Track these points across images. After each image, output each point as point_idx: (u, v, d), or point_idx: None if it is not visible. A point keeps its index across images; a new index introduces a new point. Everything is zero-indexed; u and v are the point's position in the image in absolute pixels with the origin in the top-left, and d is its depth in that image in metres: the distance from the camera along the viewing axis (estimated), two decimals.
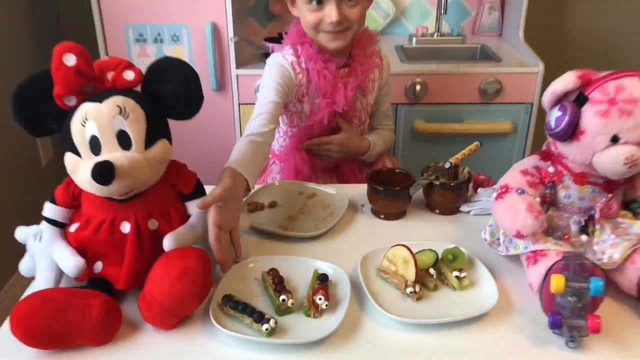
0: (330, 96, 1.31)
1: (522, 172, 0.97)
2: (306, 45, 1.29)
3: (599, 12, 2.32)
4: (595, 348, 0.83)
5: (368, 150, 1.41)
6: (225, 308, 0.87)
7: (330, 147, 1.38)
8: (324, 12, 1.23)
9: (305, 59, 1.30)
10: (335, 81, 1.31)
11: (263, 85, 1.29)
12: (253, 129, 1.16)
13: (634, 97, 0.85)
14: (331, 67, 1.29)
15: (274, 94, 1.24)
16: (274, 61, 1.31)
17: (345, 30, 1.25)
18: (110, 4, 1.81)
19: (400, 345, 0.84)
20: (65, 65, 0.84)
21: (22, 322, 0.79)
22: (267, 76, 1.29)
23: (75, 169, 0.87)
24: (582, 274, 0.82)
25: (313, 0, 1.22)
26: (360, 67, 1.33)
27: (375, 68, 1.38)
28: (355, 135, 1.40)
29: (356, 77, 1.32)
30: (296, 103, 1.33)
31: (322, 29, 1.25)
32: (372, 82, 1.39)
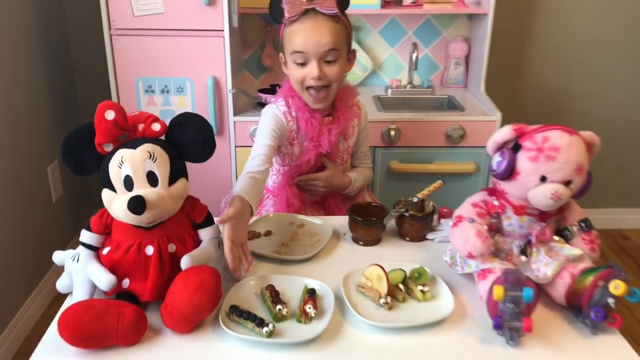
0: (317, 140, 1.49)
1: (472, 205, 1.16)
2: (296, 98, 1.48)
3: (550, 70, 2.54)
4: (531, 346, 1.00)
5: (349, 186, 1.58)
6: (232, 316, 1.03)
7: (316, 183, 1.55)
8: (307, 69, 1.42)
9: (295, 109, 1.49)
10: (321, 127, 1.49)
11: (260, 131, 1.47)
12: (252, 167, 1.35)
13: (557, 146, 1.05)
14: (317, 116, 1.48)
15: (269, 138, 1.43)
16: (269, 111, 1.51)
17: (326, 88, 1.43)
18: (123, 59, 1.99)
19: (375, 344, 1.00)
20: (106, 119, 1.02)
21: (69, 325, 0.95)
22: (263, 123, 1.48)
23: (111, 202, 1.04)
24: (518, 285, 0.99)
25: (298, 61, 1.42)
26: (342, 116, 1.52)
27: (355, 117, 1.58)
28: (338, 172, 1.57)
29: (339, 125, 1.51)
30: (287, 146, 1.53)
31: (306, 84, 1.43)
32: (352, 128, 1.58)
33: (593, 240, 1.17)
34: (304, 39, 1.39)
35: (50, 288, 2.20)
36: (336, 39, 1.40)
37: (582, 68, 2.55)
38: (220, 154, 2.06)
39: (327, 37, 1.39)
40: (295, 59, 1.42)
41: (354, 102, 1.57)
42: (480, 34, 2.28)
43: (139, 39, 1.97)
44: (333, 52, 1.41)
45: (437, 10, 2.30)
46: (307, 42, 1.39)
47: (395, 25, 2.41)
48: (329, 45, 1.39)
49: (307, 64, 1.42)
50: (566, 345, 1.01)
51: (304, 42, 1.39)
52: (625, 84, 2.58)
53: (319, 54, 1.40)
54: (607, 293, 1.02)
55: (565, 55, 2.53)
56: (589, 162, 1.10)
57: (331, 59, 1.41)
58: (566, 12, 2.46)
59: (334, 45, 1.40)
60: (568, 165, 1.05)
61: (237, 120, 2.06)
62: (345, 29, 1.44)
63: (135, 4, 1.92)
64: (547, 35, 2.50)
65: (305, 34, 1.39)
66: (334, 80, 1.44)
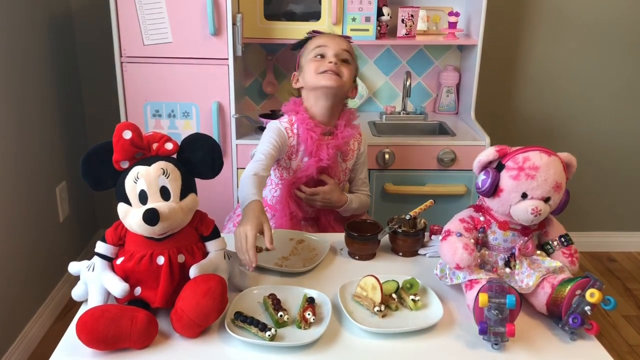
0: (317, 154, 1.59)
1: (460, 220, 1.24)
2: (300, 113, 1.60)
3: (536, 97, 2.65)
4: (514, 350, 1.08)
5: (345, 205, 1.67)
6: (236, 321, 1.11)
7: (315, 198, 1.63)
8: (325, 59, 1.57)
9: (297, 123, 1.59)
10: (320, 142, 1.60)
11: (262, 141, 1.58)
12: (257, 170, 1.46)
13: (537, 166, 1.14)
14: (317, 130, 1.59)
15: (271, 147, 1.55)
16: (274, 125, 1.62)
17: (337, 75, 1.56)
18: (133, 85, 2.09)
19: (369, 349, 1.08)
20: (124, 138, 1.11)
21: (86, 327, 1.02)
22: (267, 134, 1.59)
23: (126, 215, 1.12)
24: (501, 292, 1.07)
25: (318, 55, 1.58)
26: (341, 134, 1.63)
27: (354, 139, 1.67)
28: (337, 189, 1.65)
29: (337, 141, 1.62)
30: (286, 160, 1.63)
31: (321, 69, 1.56)
32: (352, 151, 1.68)
33: (572, 254, 1.25)
34: (325, 39, 1.60)
35: (56, 305, 2.26)
36: (350, 49, 1.61)
37: (566, 95, 2.66)
38: (222, 175, 2.12)
39: (345, 44, 1.61)
40: (316, 53, 1.59)
41: (354, 126, 1.68)
42: (470, 64, 2.39)
43: (148, 66, 2.07)
44: (348, 54, 1.60)
45: (429, 41, 2.42)
46: (329, 40, 1.60)
47: (390, 55, 2.53)
48: (346, 47, 1.60)
49: (325, 57, 1.58)
50: (547, 349, 1.09)
51: (326, 39, 1.60)
52: (609, 110, 2.69)
53: (337, 50, 1.58)
54: (584, 301, 1.10)
55: (550, 84, 2.64)
56: (566, 180, 1.19)
57: (345, 58, 1.60)
58: (551, 43, 2.58)
59: (349, 49, 1.61)
60: (547, 183, 1.14)
61: (239, 143, 2.15)
62: (353, 54, 1.64)
63: (146, 33, 2.02)
64: (533, 64, 2.61)
65: (327, 37, 1.62)
66: (345, 75, 1.59)
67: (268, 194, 1.69)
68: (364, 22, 2.27)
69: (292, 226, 1.61)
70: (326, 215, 1.70)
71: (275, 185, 1.68)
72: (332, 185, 1.65)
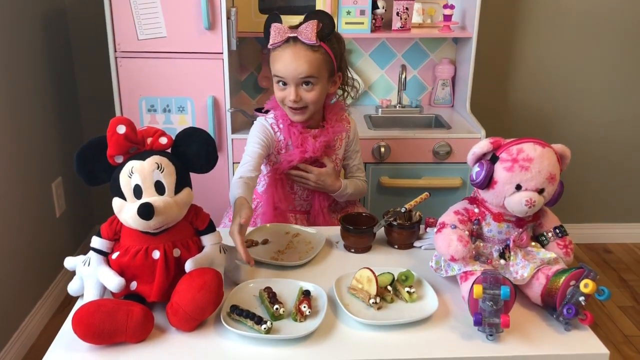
0: (302, 146, 1.59)
1: (455, 212, 1.25)
2: (281, 109, 1.60)
3: (531, 89, 2.65)
4: (509, 341, 1.08)
5: (339, 190, 1.66)
6: (232, 315, 1.11)
7: (309, 177, 1.62)
8: (286, 91, 1.53)
9: (280, 118, 1.60)
10: (304, 135, 1.59)
11: (249, 140, 1.58)
12: (244, 173, 1.48)
13: (530, 157, 1.14)
14: (298, 126, 1.59)
15: (257, 147, 1.55)
16: (258, 123, 1.62)
17: (302, 108, 1.55)
18: (128, 80, 2.08)
19: (365, 340, 1.08)
20: (118, 133, 1.11)
21: (82, 321, 1.02)
22: (253, 133, 1.60)
23: (121, 209, 1.12)
24: (496, 284, 1.08)
25: (280, 83, 1.54)
26: (331, 129, 1.62)
27: (344, 132, 1.67)
28: (333, 173, 1.64)
29: (326, 136, 1.61)
30: (275, 155, 1.63)
31: (285, 104, 1.56)
32: (339, 140, 1.68)
33: (567, 245, 1.26)
34: (283, 65, 1.51)
35: (53, 300, 2.26)
36: (313, 68, 1.50)
37: (562, 87, 2.67)
38: (218, 170, 2.11)
39: (304, 66, 1.49)
40: (276, 80, 1.55)
41: (342, 117, 1.67)
42: (465, 57, 2.39)
43: (142, 61, 2.07)
44: (310, 78, 1.51)
45: (424, 34, 2.42)
46: (285, 69, 1.51)
47: (385, 49, 2.52)
48: (305, 73, 1.50)
49: (286, 86, 1.53)
50: (541, 340, 1.10)
51: (283, 68, 1.51)
52: (604, 102, 2.70)
53: (295, 80, 1.51)
54: (578, 292, 1.11)
55: (546, 75, 2.64)
56: (560, 172, 1.20)
57: (308, 84, 1.52)
58: (546, 35, 2.59)
59: (310, 73, 1.50)
60: (541, 174, 1.15)
61: (234, 138, 2.15)
62: (325, 56, 1.53)
63: (140, 28, 2.02)
64: (528, 56, 2.61)
65: (284, 61, 1.50)
66: (310, 103, 1.55)
67: (258, 187, 1.70)
68: (359, 16, 2.26)
69: (277, 216, 1.61)
70: (321, 202, 1.69)
71: (265, 180, 1.69)
72: (330, 169, 1.64)
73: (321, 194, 1.68)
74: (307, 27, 1.48)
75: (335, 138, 1.65)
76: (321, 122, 1.64)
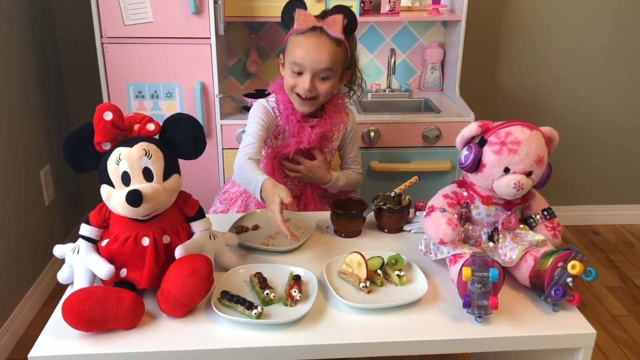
0: (298, 136, 1.59)
1: (443, 196, 1.26)
2: (283, 94, 1.58)
3: (521, 72, 2.65)
4: (497, 322, 1.10)
5: (330, 182, 1.65)
6: (223, 300, 1.11)
7: (300, 168, 1.62)
8: (300, 79, 1.51)
9: (281, 102, 1.58)
10: (302, 124, 1.58)
11: (250, 121, 1.56)
12: (250, 154, 1.46)
13: (518, 140, 1.15)
14: (297, 114, 1.57)
15: (260, 128, 1.53)
16: (260, 104, 1.60)
17: (312, 99, 1.53)
18: (115, 66, 2.06)
19: (355, 324, 1.09)
20: (105, 119, 1.10)
21: (72, 309, 1.02)
22: (254, 114, 1.57)
23: (109, 197, 1.12)
24: (484, 266, 1.09)
25: (295, 69, 1.51)
26: (329, 119, 1.61)
27: (342, 123, 1.66)
28: (323, 166, 1.64)
29: (323, 126, 1.60)
30: (272, 139, 1.62)
31: (295, 92, 1.53)
32: (337, 132, 1.67)
33: (555, 227, 1.27)
34: (304, 53, 1.49)
35: (44, 289, 2.26)
36: (333, 61, 1.50)
37: (551, 69, 2.67)
38: (208, 156, 2.14)
39: (326, 58, 1.49)
40: (293, 67, 1.52)
41: (342, 108, 1.66)
42: (454, 40, 2.38)
43: (129, 47, 2.04)
44: (328, 71, 1.51)
45: (413, 17, 2.40)
46: (306, 57, 1.49)
47: (374, 32, 2.51)
48: (325, 65, 1.49)
49: (302, 74, 1.51)
50: (530, 321, 1.11)
51: (304, 56, 1.49)
52: (592, 84, 2.71)
53: (314, 70, 1.50)
54: (566, 273, 1.12)
55: (534, 59, 2.64)
56: (548, 154, 1.21)
57: (325, 76, 1.52)
58: (535, 18, 2.58)
59: (330, 65, 1.50)
60: (529, 157, 1.16)
61: (224, 124, 2.14)
62: (344, 52, 1.53)
63: (126, 13, 1.99)
64: (517, 40, 2.61)
65: (307, 49, 1.49)
66: (322, 95, 1.54)
67: None
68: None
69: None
70: (313, 190, 1.69)
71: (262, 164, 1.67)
72: (320, 162, 1.64)
73: (313, 185, 1.68)
74: (334, 20, 1.48)
75: (332, 129, 1.65)
76: (320, 111, 1.63)
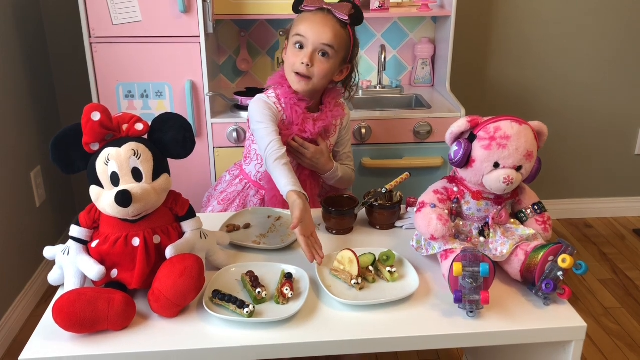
0: (302, 126, 1.58)
1: (434, 192, 1.26)
2: (285, 87, 1.57)
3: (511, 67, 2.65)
4: (489, 317, 1.10)
5: (331, 170, 1.64)
6: (214, 299, 1.11)
7: (305, 152, 1.59)
8: (301, 54, 1.51)
9: (282, 97, 1.57)
10: (306, 116, 1.58)
11: (259, 119, 1.52)
12: (276, 153, 1.42)
13: (508, 135, 1.15)
14: (301, 104, 1.56)
15: (272, 124, 1.50)
16: (261, 100, 1.57)
17: (307, 78, 1.52)
18: (104, 66, 2.05)
19: (348, 321, 1.10)
20: (92, 120, 1.10)
21: (62, 311, 1.02)
22: (260, 111, 1.53)
23: (99, 197, 1.11)
24: (475, 261, 1.09)
25: (297, 45, 1.51)
26: (330, 112, 1.61)
27: (340, 116, 1.66)
28: (326, 153, 1.64)
29: (325, 120, 1.60)
30: None
31: (293, 69, 1.53)
32: (334, 127, 1.67)
33: (545, 222, 1.28)
34: (309, 26, 1.51)
35: (36, 291, 2.24)
36: (336, 39, 1.51)
37: (541, 64, 2.67)
38: (199, 155, 2.13)
39: (329, 34, 1.50)
40: (295, 40, 1.52)
41: (339, 103, 1.67)
42: (444, 36, 2.38)
43: (118, 46, 2.03)
44: (329, 48, 1.51)
45: (403, 13, 2.40)
46: (310, 30, 1.50)
47: (364, 29, 2.51)
48: (328, 40, 1.50)
49: (303, 49, 1.52)
50: (521, 315, 1.12)
51: (308, 29, 1.50)
52: (583, 78, 2.71)
53: (316, 44, 1.50)
54: (556, 267, 1.13)
55: (524, 54, 2.65)
56: (538, 149, 1.21)
57: (325, 53, 1.51)
58: (524, 13, 2.59)
59: (332, 42, 1.50)
60: (518, 152, 1.16)
61: (214, 122, 2.13)
62: (348, 38, 1.54)
63: (114, 12, 1.98)
64: (507, 35, 2.61)
65: (312, 23, 1.51)
66: (317, 75, 1.53)
67: (253, 169, 1.67)
68: None
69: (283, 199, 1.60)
70: (312, 189, 1.68)
71: (261, 160, 1.63)
72: (324, 148, 1.64)
73: (312, 180, 1.67)
74: (342, 6, 1.53)
75: (333, 122, 1.65)
76: (319, 105, 1.63)
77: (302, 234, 1.23)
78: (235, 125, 2.11)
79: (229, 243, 1.33)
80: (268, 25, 2.45)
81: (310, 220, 1.28)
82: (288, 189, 1.32)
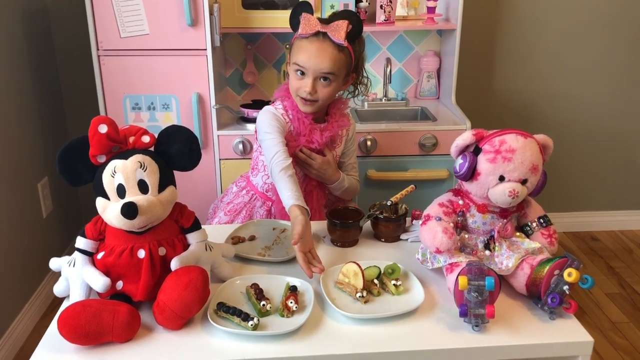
0: (309, 137, 1.59)
1: (439, 205, 1.25)
2: (291, 99, 1.59)
3: (516, 80, 2.67)
4: (494, 331, 1.09)
5: (338, 181, 1.66)
6: (219, 312, 1.11)
7: (312, 163, 1.61)
8: (303, 81, 1.53)
9: (289, 109, 1.59)
10: (313, 126, 1.59)
11: (267, 130, 1.53)
12: (281, 163, 1.43)
13: (513, 148, 1.15)
14: (308, 116, 1.58)
15: (279, 135, 1.52)
16: (269, 111, 1.59)
17: (313, 102, 1.55)
18: (111, 78, 2.07)
19: (352, 334, 1.09)
20: (99, 132, 1.10)
21: (67, 323, 1.02)
22: (267, 122, 1.55)
23: (105, 209, 1.12)
24: (480, 275, 1.09)
25: (298, 72, 1.53)
26: (335, 123, 1.63)
27: (346, 127, 1.68)
28: (333, 163, 1.65)
29: (331, 130, 1.62)
30: None
31: (298, 94, 1.55)
32: (340, 137, 1.68)
33: (551, 235, 1.27)
34: (307, 57, 1.51)
35: (42, 302, 2.25)
36: (335, 66, 1.52)
37: (546, 76, 2.68)
38: (205, 167, 2.14)
39: (327, 63, 1.50)
40: (295, 68, 1.54)
41: (345, 114, 1.68)
42: (449, 48, 2.39)
43: (126, 59, 2.05)
44: (330, 75, 1.52)
45: (409, 27, 2.42)
46: (308, 61, 1.51)
47: (370, 42, 2.52)
48: (327, 70, 1.51)
49: (304, 76, 1.53)
50: (527, 329, 1.11)
51: (306, 59, 1.51)
52: (588, 90, 2.72)
53: (316, 73, 1.51)
54: (562, 281, 1.12)
55: (529, 67, 2.66)
56: (543, 162, 1.21)
57: (326, 79, 1.53)
58: (530, 27, 2.60)
59: (331, 70, 1.51)
60: (523, 165, 1.16)
61: (220, 135, 2.14)
62: (347, 57, 1.54)
63: (122, 25, 2.01)
64: (511, 48, 2.62)
65: (309, 54, 1.51)
66: (322, 98, 1.55)
67: (260, 181, 1.67)
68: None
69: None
70: (319, 199, 1.69)
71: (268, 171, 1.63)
72: (330, 158, 1.65)
73: (319, 191, 1.68)
74: (338, 26, 1.50)
75: (339, 132, 1.66)
76: (325, 116, 1.64)
77: (300, 250, 1.23)
78: (242, 137, 2.12)
79: (234, 255, 1.33)
80: (274, 39, 2.47)
81: (310, 237, 1.28)
82: (291, 202, 1.33)
